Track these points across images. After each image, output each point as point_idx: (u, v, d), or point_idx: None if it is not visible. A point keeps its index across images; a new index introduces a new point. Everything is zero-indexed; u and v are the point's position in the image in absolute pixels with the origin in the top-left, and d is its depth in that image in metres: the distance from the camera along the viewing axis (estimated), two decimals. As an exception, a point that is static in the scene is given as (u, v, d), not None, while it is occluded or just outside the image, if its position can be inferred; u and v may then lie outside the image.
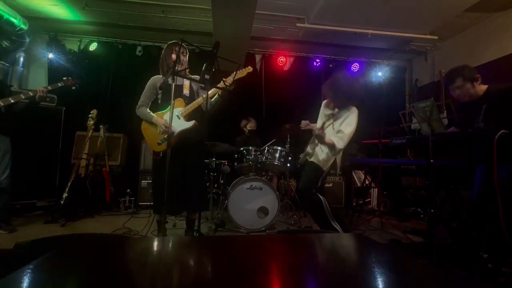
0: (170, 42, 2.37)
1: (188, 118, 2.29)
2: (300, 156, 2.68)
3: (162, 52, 2.39)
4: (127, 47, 4.62)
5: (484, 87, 2.02)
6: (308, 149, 2.55)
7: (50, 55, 4.34)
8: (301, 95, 4.97)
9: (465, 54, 4.10)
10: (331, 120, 2.38)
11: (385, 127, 3.52)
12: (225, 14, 3.44)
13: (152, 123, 2.30)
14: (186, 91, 2.38)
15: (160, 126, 2.24)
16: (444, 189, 2.74)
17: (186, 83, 2.39)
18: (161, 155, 2.23)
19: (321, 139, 2.31)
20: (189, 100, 2.34)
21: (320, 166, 2.39)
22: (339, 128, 2.35)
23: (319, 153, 2.42)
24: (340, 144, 2.29)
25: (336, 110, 2.39)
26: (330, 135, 2.34)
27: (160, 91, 2.32)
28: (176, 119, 2.23)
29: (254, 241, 0.91)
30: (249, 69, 2.35)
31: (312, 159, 2.46)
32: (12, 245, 0.80)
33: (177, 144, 2.22)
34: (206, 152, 3.03)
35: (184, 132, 2.25)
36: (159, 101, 2.38)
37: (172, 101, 1.98)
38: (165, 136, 2.21)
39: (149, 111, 2.35)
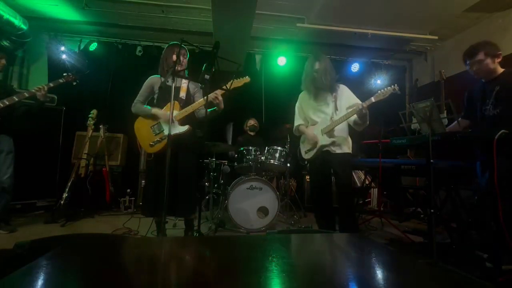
0: (171, 42, 2.36)
1: (182, 122, 2.23)
2: (306, 151, 2.53)
3: (163, 53, 2.37)
4: (127, 47, 4.62)
5: (501, 69, 2.01)
6: (321, 141, 2.38)
7: (50, 55, 4.34)
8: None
9: (465, 54, 4.10)
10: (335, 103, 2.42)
11: (385, 127, 3.52)
12: (225, 14, 3.44)
13: (146, 121, 2.27)
14: (182, 94, 2.33)
15: (161, 116, 2.24)
16: (444, 189, 2.74)
17: (184, 85, 2.35)
18: (152, 156, 2.24)
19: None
20: (184, 103, 2.29)
21: (351, 152, 2.43)
22: (350, 104, 2.31)
23: (344, 140, 2.39)
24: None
25: (334, 94, 2.42)
26: (339, 114, 2.35)
27: (156, 91, 2.30)
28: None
29: (254, 241, 0.91)
30: (246, 79, 2.29)
31: (341, 151, 2.36)
32: (12, 245, 0.80)
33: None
34: (204, 153, 3.01)
35: (177, 136, 2.18)
36: (155, 101, 2.34)
37: (172, 102, 1.97)
38: (158, 138, 2.22)
39: (146, 106, 2.33)
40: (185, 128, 2.22)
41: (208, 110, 2.34)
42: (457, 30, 4.21)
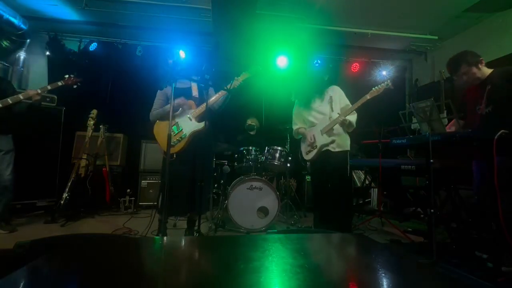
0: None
1: (199, 119, 2.35)
2: (307, 152, 2.61)
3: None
4: (127, 47, 4.61)
5: (489, 70, 2.05)
6: (321, 141, 2.45)
7: (50, 55, 4.33)
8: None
9: (465, 54, 4.10)
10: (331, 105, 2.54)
11: (385, 127, 3.52)
12: (225, 14, 3.44)
13: (163, 124, 2.34)
14: (195, 93, 2.43)
15: (177, 113, 2.31)
16: (444, 189, 2.74)
17: (194, 85, 2.44)
18: (174, 156, 2.27)
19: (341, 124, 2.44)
20: (198, 101, 2.39)
21: (348, 150, 2.50)
22: (342, 106, 2.50)
23: (344, 138, 2.49)
24: (355, 118, 2.48)
25: (330, 95, 2.54)
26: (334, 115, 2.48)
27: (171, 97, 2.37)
28: (187, 120, 2.31)
29: (254, 241, 0.91)
30: (257, 69, 2.51)
31: (340, 149, 2.47)
32: (12, 245, 0.80)
33: (189, 145, 2.27)
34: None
35: (196, 133, 2.30)
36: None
37: (172, 103, 2.01)
38: (178, 138, 2.29)
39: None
40: (202, 124, 2.32)
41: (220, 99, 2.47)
42: (457, 30, 4.21)
